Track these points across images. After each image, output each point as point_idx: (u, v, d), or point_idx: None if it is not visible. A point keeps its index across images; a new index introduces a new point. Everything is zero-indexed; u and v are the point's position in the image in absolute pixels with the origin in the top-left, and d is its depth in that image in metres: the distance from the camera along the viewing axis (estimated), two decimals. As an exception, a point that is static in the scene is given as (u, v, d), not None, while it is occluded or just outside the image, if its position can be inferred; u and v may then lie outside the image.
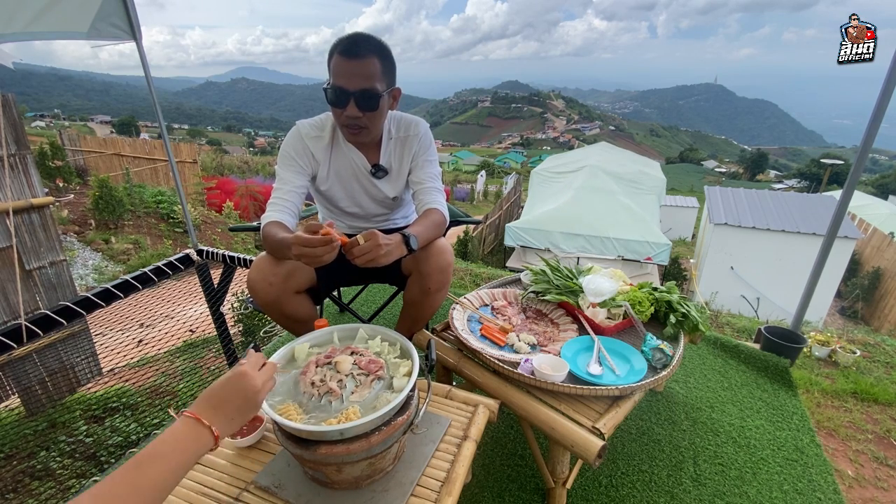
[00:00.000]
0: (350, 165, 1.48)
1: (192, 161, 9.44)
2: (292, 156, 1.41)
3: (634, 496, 1.45)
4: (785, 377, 2.09)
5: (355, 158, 1.47)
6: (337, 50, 1.27)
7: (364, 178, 1.50)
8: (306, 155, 1.43)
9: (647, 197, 9.22)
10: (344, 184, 1.51)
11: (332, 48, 1.30)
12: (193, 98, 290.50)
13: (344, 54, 1.26)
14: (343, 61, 1.26)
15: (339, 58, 1.27)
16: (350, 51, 1.26)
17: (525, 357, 1.31)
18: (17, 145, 2.62)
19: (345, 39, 1.28)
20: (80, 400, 2.75)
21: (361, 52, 1.26)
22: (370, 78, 1.27)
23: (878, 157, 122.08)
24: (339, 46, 1.28)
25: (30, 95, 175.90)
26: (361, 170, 1.49)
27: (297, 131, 1.44)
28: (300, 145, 1.42)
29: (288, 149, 1.42)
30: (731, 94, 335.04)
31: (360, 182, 1.51)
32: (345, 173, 1.49)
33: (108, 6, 1.92)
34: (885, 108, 1.84)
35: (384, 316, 2.40)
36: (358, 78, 1.26)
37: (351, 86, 1.27)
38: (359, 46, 1.26)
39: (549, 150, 75.39)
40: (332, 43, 1.31)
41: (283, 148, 1.43)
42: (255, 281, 1.36)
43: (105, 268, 5.79)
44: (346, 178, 1.50)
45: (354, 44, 1.26)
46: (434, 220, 1.39)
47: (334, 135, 1.46)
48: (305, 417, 0.92)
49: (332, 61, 1.29)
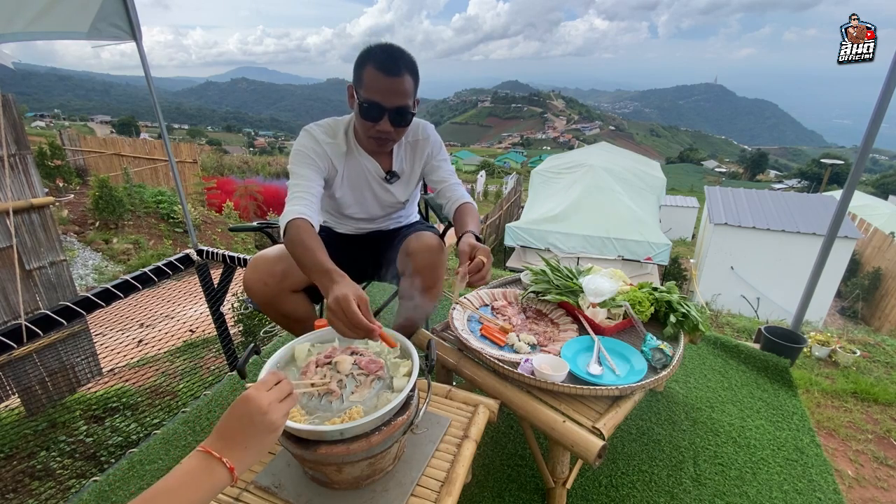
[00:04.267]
0: (363, 172, 1.47)
1: (193, 161, 9.43)
2: (311, 156, 1.35)
3: (634, 496, 1.45)
4: (785, 377, 2.09)
5: (368, 165, 1.46)
6: (372, 63, 1.23)
7: (376, 183, 1.50)
8: (324, 158, 1.39)
9: (647, 197, 9.22)
10: (355, 190, 1.50)
11: (363, 57, 1.26)
12: (193, 98, 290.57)
13: (381, 70, 1.23)
14: (380, 77, 1.24)
15: (376, 72, 1.23)
16: (387, 68, 1.23)
17: (525, 357, 1.31)
18: (18, 145, 2.62)
19: (379, 53, 1.24)
20: (80, 400, 2.74)
21: (399, 69, 1.25)
22: (405, 96, 1.28)
23: (878, 157, 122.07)
24: (373, 59, 1.24)
25: (30, 95, 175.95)
26: (375, 176, 1.49)
27: (312, 135, 1.38)
28: (318, 148, 1.38)
29: (305, 149, 1.36)
30: (731, 94, 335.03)
31: (371, 188, 1.51)
32: (357, 180, 1.48)
33: (108, 6, 1.92)
34: (886, 108, 1.84)
35: (384, 316, 2.40)
36: (394, 95, 1.26)
37: (387, 103, 1.26)
38: (397, 63, 1.24)
39: (549, 150, 75.38)
40: (364, 50, 1.26)
41: (299, 148, 1.37)
42: (250, 280, 1.37)
43: (105, 268, 5.79)
44: (357, 184, 1.49)
45: (392, 60, 1.24)
46: (474, 213, 1.46)
47: (347, 141, 1.44)
48: (308, 418, 0.92)
49: (364, 72, 1.25)
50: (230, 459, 0.67)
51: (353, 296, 0.96)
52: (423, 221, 1.90)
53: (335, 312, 0.95)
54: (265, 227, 1.79)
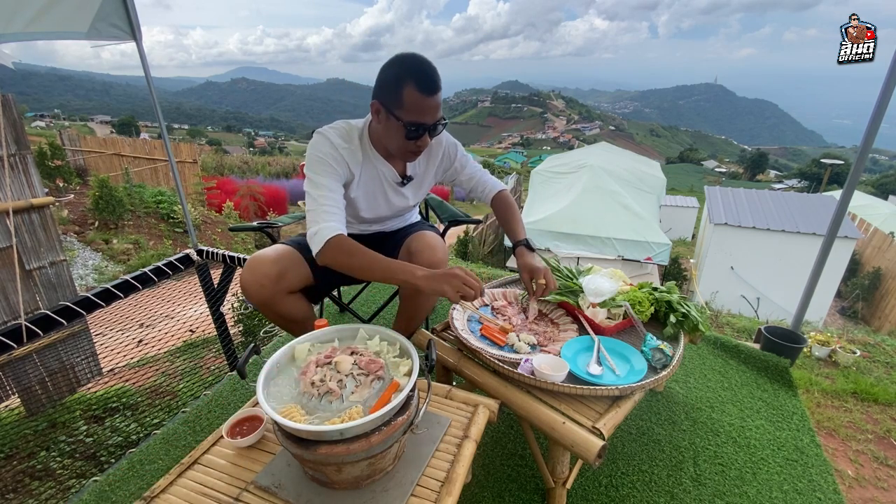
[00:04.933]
0: (378, 176, 1.47)
1: (193, 161, 9.43)
2: (329, 162, 1.34)
3: (634, 496, 1.45)
4: (785, 377, 2.09)
5: (384, 170, 1.47)
6: (413, 84, 1.22)
7: (390, 188, 1.51)
8: (342, 164, 1.37)
9: (647, 197, 9.22)
10: (369, 194, 1.49)
11: (400, 76, 1.23)
12: (193, 98, 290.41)
13: (424, 91, 1.23)
14: (424, 98, 1.24)
15: (419, 94, 1.23)
16: (429, 88, 1.24)
17: (525, 357, 1.31)
18: (17, 145, 2.62)
19: (417, 72, 1.23)
20: (80, 400, 2.74)
21: (438, 87, 1.27)
22: (440, 109, 1.31)
23: (878, 157, 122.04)
24: (413, 80, 1.22)
25: (30, 95, 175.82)
26: (390, 181, 1.49)
27: (328, 140, 1.36)
28: (336, 154, 1.36)
29: (323, 155, 1.34)
30: (731, 94, 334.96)
31: (384, 192, 1.51)
32: (372, 184, 1.48)
33: (107, 6, 1.93)
34: (886, 108, 1.84)
35: (384, 316, 2.40)
36: (436, 112, 1.29)
37: (430, 120, 1.28)
38: (435, 82, 1.25)
39: (549, 150, 75.40)
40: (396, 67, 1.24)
41: (316, 154, 1.34)
42: (247, 282, 1.37)
43: (105, 268, 5.79)
44: (372, 188, 1.49)
45: (431, 80, 1.24)
46: (514, 207, 1.64)
47: (363, 146, 1.43)
48: (308, 418, 0.92)
49: (404, 93, 1.22)
50: None
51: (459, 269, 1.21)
52: (424, 221, 1.90)
53: (459, 276, 1.18)
54: (265, 227, 1.79)
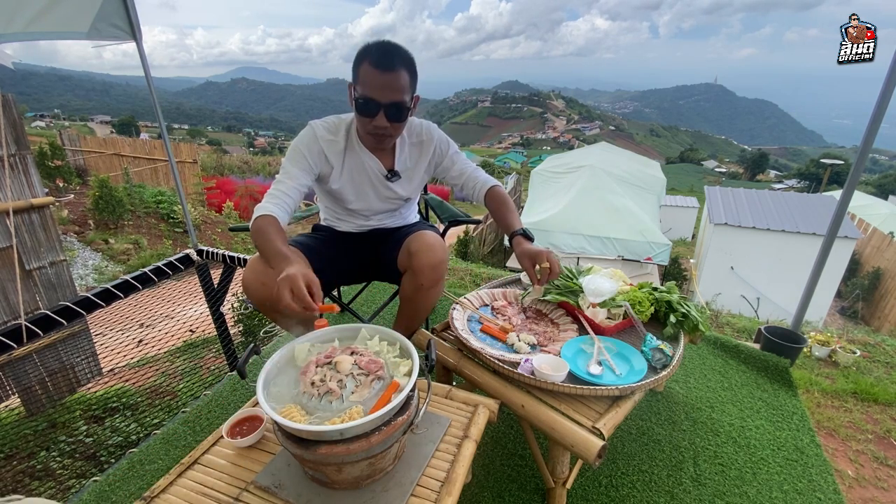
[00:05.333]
0: (364, 169, 1.49)
1: (192, 161, 9.43)
2: (304, 153, 1.41)
3: (634, 496, 1.45)
4: (785, 377, 2.09)
5: (370, 163, 1.48)
6: (368, 59, 1.26)
7: (378, 181, 1.52)
8: (319, 155, 1.43)
9: (647, 197, 9.22)
10: (356, 185, 1.52)
11: (360, 54, 1.28)
12: (193, 98, 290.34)
13: (376, 66, 1.25)
14: (375, 73, 1.26)
15: (371, 69, 1.26)
16: (382, 63, 1.25)
17: (525, 357, 1.31)
18: (17, 145, 2.62)
19: (375, 49, 1.26)
20: (80, 400, 2.74)
21: (394, 65, 1.26)
22: (400, 91, 1.29)
23: (878, 157, 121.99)
24: (369, 56, 1.26)
25: (30, 95, 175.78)
26: (377, 174, 1.50)
27: (313, 131, 1.43)
28: (315, 145, 1.42)
29: (300, 145, 1.41)
30: (731, 94, 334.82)
31: (373, 185, 1.53)
32: (358, 176, 1.50)
33: (108, 6, 1.93)
34: (886, 108, 1.84)
35: (384, 316, 2.40)
36: (389, 91, 1.28)
37: (382, 98, 1.28)
38: (391, 59, 1.26)
39: (549, 150, 75.38)
40: (361, 48, 1.29)
41: (296, 144, 1.42)
42: (249, 281, 1.37)
43: (105, 268, 5.79)
44: (358, 180, 1.51)
45: (387, 56, 1.26)
46: (508, 201, 1.58)
47: (348, 138, 1.46)
48: (308, 418, 0.92)
49: (360, 69, 1.27)
50: None
51: (301, 275, 1.05)
52: (424, 221, 1.90)
53: (280, 287, 1.03)
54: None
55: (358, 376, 0.99)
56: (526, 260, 1.41)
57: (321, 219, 1.74)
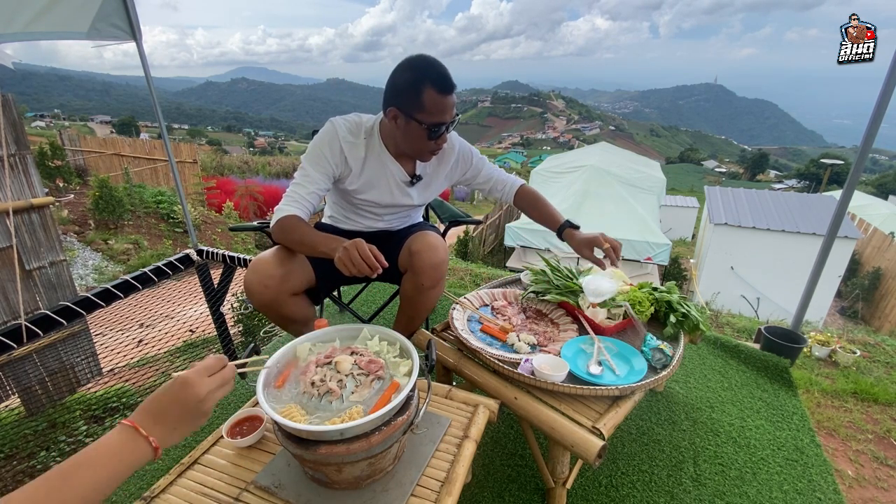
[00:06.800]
0: (385, 174, 1.48)
1: (192, 161, 9.43)
2: (325, 153, 1.39)
3: (634, 496, 1.45)
4: (785, 377, 2.09)
5: (392, 168, 1.48)
6: (431, 86, 1.26)
7: (397, 186, 1.51)
8: (340, 157, 1.41)
9: (647, 197, 9.21)
10: (374, 189, 1.50)
11: (416, 82, 1.27)
12: (193, 98, 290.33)
13: (441, 91, 1.28)
14: (441, 98, 1.28)
15: (437, 95, 1.27)
16: (446, 88, 1.28)
17: (525, 357, 1.31)
18: (17, 145, 2.62)
19: (433, 74, 1.27)
20: (80, 400, 2.74)
21: (454, 86, 1.30)
22: (455, 107, 1.35)
23: (878, 157, 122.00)
24: (430, 83, 1.26)
25: (30, 95, 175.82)
26: (398, 180, 1.50)
27: (335, 131, 1.41)
28: (336, 146, 1.40)
29: (322, 147, 1.39)
30: (731, 94, 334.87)
31: (391, 190, 1.52)
32: (378, 181, 1.49)
33: (108, 6, 1.93)
34: (885, 108, 1.84)
35: (384, 316, 2.40)
36: (452, 110, 1.33)
37: (449, 119, 1.33)
38: (449, 81, 1.29)
39: (549, 150, 75.42)
40: (411, 75, 1.28)
41: (318, 144, 1.40)
42: (251, 282, 1.37)
43: (105, 268, 5.79)
44: (378, 184, 1.50)
45: (446, 80, 1.29)
46: (536, 194, 1.66)
47: (369, 144, 1.45)
48: (308, 418, 0.92)
49: (423, 97, 1.27)
50: (156, 438, 0.66)
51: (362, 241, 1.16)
52: (425, 221, 1.90)
53: (349, 249, 1.15)
54: (265, 227, 1.79)
55: (358, 376, 0.99)
56: (586, 249, 1.49)
57: (325, 216, 1.74)
